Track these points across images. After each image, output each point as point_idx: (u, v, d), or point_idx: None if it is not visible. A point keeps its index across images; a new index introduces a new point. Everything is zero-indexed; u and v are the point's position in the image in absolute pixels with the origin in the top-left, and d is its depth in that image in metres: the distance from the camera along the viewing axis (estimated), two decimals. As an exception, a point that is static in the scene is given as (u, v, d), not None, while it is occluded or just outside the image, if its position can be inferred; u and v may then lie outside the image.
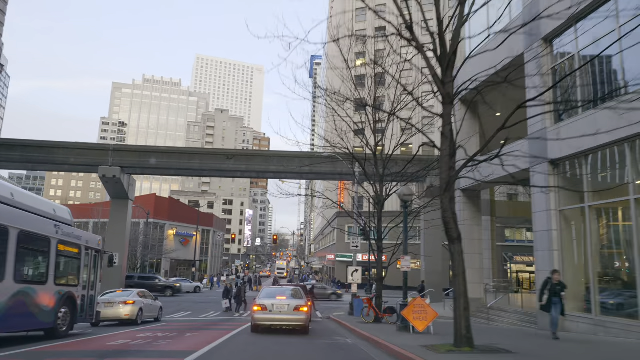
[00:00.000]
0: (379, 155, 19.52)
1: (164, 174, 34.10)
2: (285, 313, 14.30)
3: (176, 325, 17.85)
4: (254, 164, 31.51)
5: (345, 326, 17.57)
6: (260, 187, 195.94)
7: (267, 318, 14.29)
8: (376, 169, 19.54)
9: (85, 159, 30.83)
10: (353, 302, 23.79)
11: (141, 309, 17.63)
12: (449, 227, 9.26)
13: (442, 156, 9.44)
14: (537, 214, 14.79)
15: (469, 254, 19.81)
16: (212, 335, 13.83)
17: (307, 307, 14.72)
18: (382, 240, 19.29)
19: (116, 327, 16.83)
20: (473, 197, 20.21)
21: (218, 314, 24.94)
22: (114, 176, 30.69)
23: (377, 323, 17.71)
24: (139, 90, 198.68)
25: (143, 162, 31.16)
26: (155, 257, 64.82)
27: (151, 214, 63.91)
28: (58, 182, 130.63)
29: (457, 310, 9.14)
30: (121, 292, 18.13)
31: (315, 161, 32.56)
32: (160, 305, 20.03)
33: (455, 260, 9.29)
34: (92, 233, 14.42)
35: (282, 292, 15.69)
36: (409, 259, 14.28)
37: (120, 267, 32.93)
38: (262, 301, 14.53)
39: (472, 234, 19.94)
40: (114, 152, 30.92)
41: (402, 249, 14.54)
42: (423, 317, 13.02)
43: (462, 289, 9.21)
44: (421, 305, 13.16)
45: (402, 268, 14.37)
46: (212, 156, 31.67)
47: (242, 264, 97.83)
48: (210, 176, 32.79)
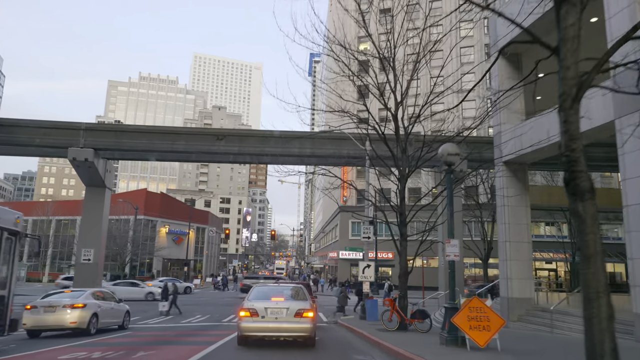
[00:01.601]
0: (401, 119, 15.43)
1: (145, 158, 29.93)
2: (284, 320, 10.22)
3: (142, 335, 13.74)
4: (248, 146, 27.40)
5: (361, 335, 13.46)
6: (259, 187, 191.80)
7: (259, 327, 10.21)
8: (397, 135, 15.43)
9: (53, 139, 26.66)
10: (365, 304, 19.74)
11: (95, 314, 13.50)
12: (576, 170, 5.07)
13: (568, 48, 5.18)
14: (631, 180, 10.68)
15: (515, 242, 15.72)
16: (179, 353, 9.71)
17: (313, 312, 10.62)
18: (407, 225, 15.17)
19: (60, 338, 12.73)
20: (518, 173, 16.09)
21: (204, 318, 20.85)
22: (86, 159, 26.50)
23: (402, 331, 13.63)
24: (135, 88, 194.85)
25: (120, 143, 26.99)
26: (146, 256, 60.68)
27: (142, 210, 59.78)
28: (50, 181, 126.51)
29: (593, 319, 5.00)
30: (70, 292, 13.97)
31: (319, 143, 28.46)
32: (126, 310, 15.91)
33: (586, 229, 5.13)
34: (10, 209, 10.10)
35: (279, 291, 11.60)
36: (456, 243, 10.18)
37: (96, 266, 28.75)
38: (252, 304, 10.44)
39: (519, 217, 15.82)
40: (86, 131, 26.75)
41: (447, 229, 10.42)
42: (484, 326, 8.93)
43: (600, 280, 5.07)
44: (480, 308, 9.07)
45: (448, 256, 10.26)
46: (199, 136, 27.52)
47: (239, 264, 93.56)
48: (198, 161, 28.58)
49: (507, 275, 15.43)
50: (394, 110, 15.65)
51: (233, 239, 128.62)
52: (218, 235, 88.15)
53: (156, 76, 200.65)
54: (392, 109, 15.60)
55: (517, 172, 16.08)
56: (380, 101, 15.67)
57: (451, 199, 10.27)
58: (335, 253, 56.23)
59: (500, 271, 15.99)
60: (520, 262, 15.44)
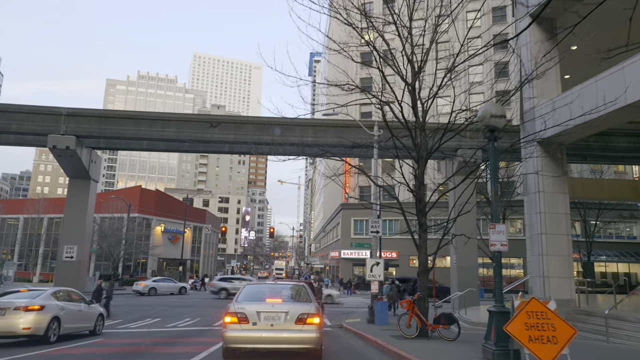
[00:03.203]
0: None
1: (132, 148, 27.72)
2: (282, 328, 7.97)
3: (113, 344, 11.47)
4: (245, 134, 25.09)
5: (375, 344, 11.22)
6: (258, 187, 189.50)
7: (249, 337, 7.95)
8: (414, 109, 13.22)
9: (32, 125, 24.37)
10: (374, 306, 17.52)
11: (56, 317, 11.22)
12: None
13: None
14: None
15: (552, 235, 13.45)
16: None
17: (319, 317, 8.36)
18: (426, 215, 12.92)
19: (9, 349, 10.46)
20: (556, 154, 13.82)
21: (193, 321, 18.60)
22: (68, 147, 24.23)
23: (423, 338, 11.39)
24: (134, 87, 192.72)
25: (105, 130, 24.70)
26: (140, 255, 58.39)
27: (136, 208, 57.51)
28: (45, 179, 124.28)
29: None
30: (26, 291, 11.68)
31: (321, 131, 26.21)
32: (99, 312, 13.64)
33: None
34: None
35: (276, 291, 9.34)
36: (503, 229, 7.91)
37: (79, 264, 26.49)
38: (240, 306, 8.19)
39: (556, 204, 13.54)
40: (68, 117, 24.47)
41: (491, 212, 8.18)
42: (549, 337, 6.69)
43: None
44: (543, 313, 6.83)
45: (493, 245, 8.00)
46: (192, 123, 25.23)
47: (238, 265, 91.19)
48: (191, 151, 26.32)
49: (543, 273, 13.18)
50: (411, 80, 13.46)
51: (232, 239, 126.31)
52: (216, 235, 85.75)
53: (155, 75, 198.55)
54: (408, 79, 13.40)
55: (554, 153, 13.81)
56: (393, 69, 13.44)
57: (495, 172, 8.02)
58: (336, 252, 53.89)
59: (534, 268, 13.73)
60: (559, 258, 13.18)
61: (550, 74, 13.93)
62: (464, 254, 26.31)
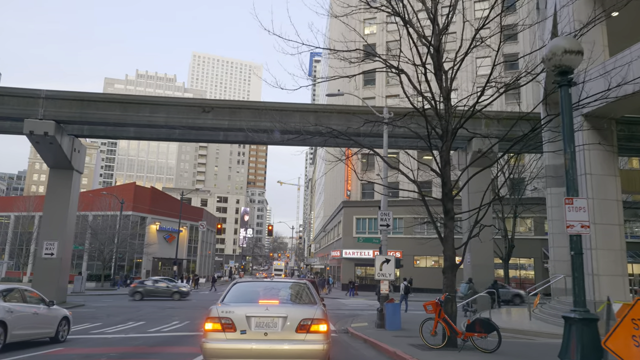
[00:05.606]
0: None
1: (119, 135, 25.57)
2: (278, 338, 5.86)
3: (72, 355, 9.31)
4: (240, 120, 22.90)
5: (395, 357, 9.07)
6: (258, 187, 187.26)
7: (236, 350, 5.83)
8: (438, 75, 11.12)
9: (7, 109, 22.20)
10: (384, 308, 15.43)
11: (2, 323, 9.07)
12: None
13: None
14: None
15: (602, 225, 11.30)
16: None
17: (326, 324, 6.20)
18: (453, 200, 10.80)
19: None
20: (604, 131, 11.67)
21: (182, 325, 16.48)
22: (46, 133, 22.06)
23: (452, 349, 9.26)
24: (132, 86, 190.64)
25: (88, 114, 22.53)
26: (134, 254, 56.20)
27: (130, 205, 55.35)
28: (40, 178, 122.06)
29: None
30: (-34, 291, 9.55)
31: (324, 117, 24.03)
32: (63, 315, 11.47)
33: None
34: None
35: (272, 290, 7.19)
36: (584, 204, 5.75)
37: (60, 262, 24.29)
38: (226, 310, 6.09)
39: (606, 189, 11.39)
40: (47, 100, 22.30)
41: (566, 182, 6.02)
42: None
43: None
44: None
45: (572, 227, 5.83)
46: (182, 107, 23.02)
47: (236, 265, 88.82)
48: (183, 139, 24.14)
49: (592, 270, 11.03)
50: (434, 42, 11.36)
51: (230, 240, 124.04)
52: (213, 235, 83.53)
53: (154, 74, 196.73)
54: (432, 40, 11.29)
55: (602, 130, 11.66)
56: (413, 28, 11.31)
57: (571, 128, 5.87)
58: (337, 252, 51.62)
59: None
60: (610, 253, 11.04)
61: (597, 38, 11.81)
62: (479, 252, 24.21)
